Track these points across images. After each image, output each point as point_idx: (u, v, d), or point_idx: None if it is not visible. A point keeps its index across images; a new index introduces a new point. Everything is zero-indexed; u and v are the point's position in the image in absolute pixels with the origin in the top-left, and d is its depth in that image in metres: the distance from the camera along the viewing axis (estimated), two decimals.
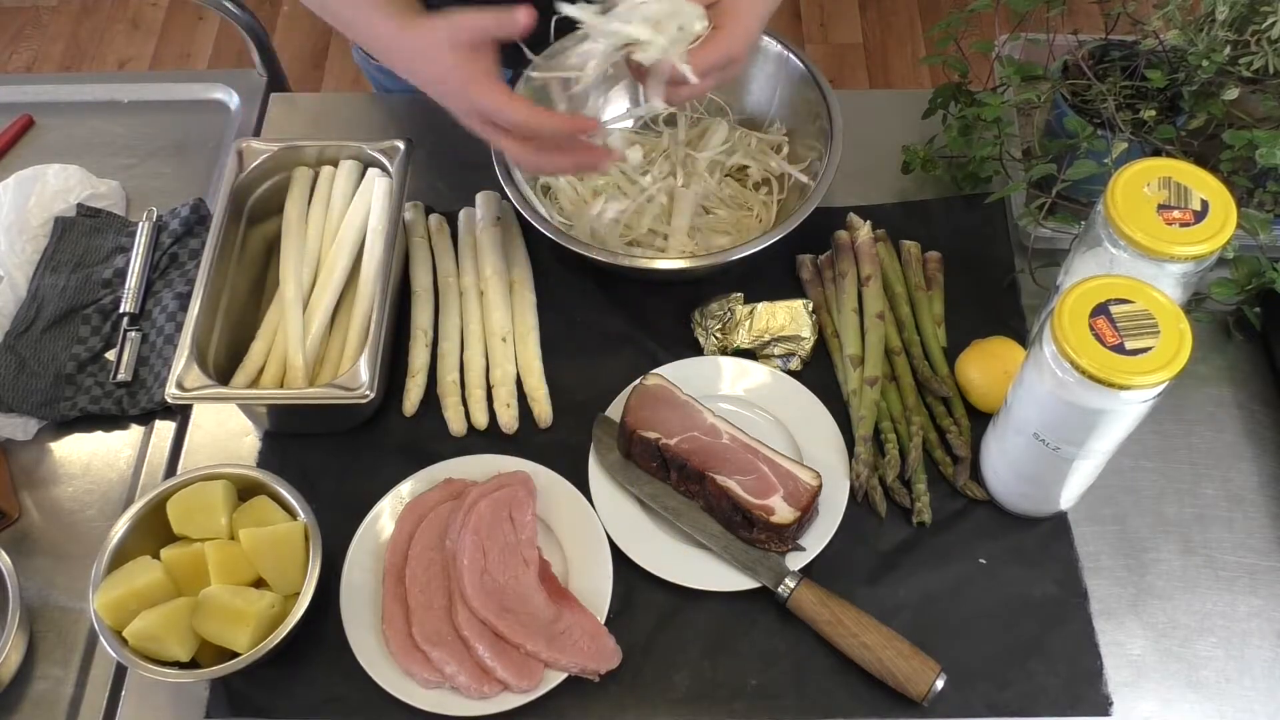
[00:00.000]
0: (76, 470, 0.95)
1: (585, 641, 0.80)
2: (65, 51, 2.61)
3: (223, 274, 0.94)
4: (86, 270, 1.04)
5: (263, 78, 1.22)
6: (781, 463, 0.85)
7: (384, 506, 0.88)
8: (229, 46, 2.60)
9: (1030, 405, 0.77)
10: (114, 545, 0.81)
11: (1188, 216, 0.75)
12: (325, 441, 0.94)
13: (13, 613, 0.81)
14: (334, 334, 0.96)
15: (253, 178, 0.98)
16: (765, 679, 0.82)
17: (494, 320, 0.97)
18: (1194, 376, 0.95)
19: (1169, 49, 0.94)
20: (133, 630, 0.77)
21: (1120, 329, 0.69)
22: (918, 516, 0.87)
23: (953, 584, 0.85)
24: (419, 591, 0.82)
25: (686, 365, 0.94)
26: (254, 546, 0.80)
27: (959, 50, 1.01)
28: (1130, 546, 0.87)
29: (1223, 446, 0.92)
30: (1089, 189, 0.94)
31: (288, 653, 0.81)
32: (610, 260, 0.94)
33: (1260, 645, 0.83)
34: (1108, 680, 0.81)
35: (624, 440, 0.89)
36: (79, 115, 1.19)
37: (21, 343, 0.99)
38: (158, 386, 0.96)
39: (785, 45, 1.03)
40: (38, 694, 0.84)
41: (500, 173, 0.97)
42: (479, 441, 0.93)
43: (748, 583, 0.84)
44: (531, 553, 0.84)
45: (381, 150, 0.99)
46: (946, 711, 0.80)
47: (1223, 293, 0.92)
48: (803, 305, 0.96)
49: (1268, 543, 0.87)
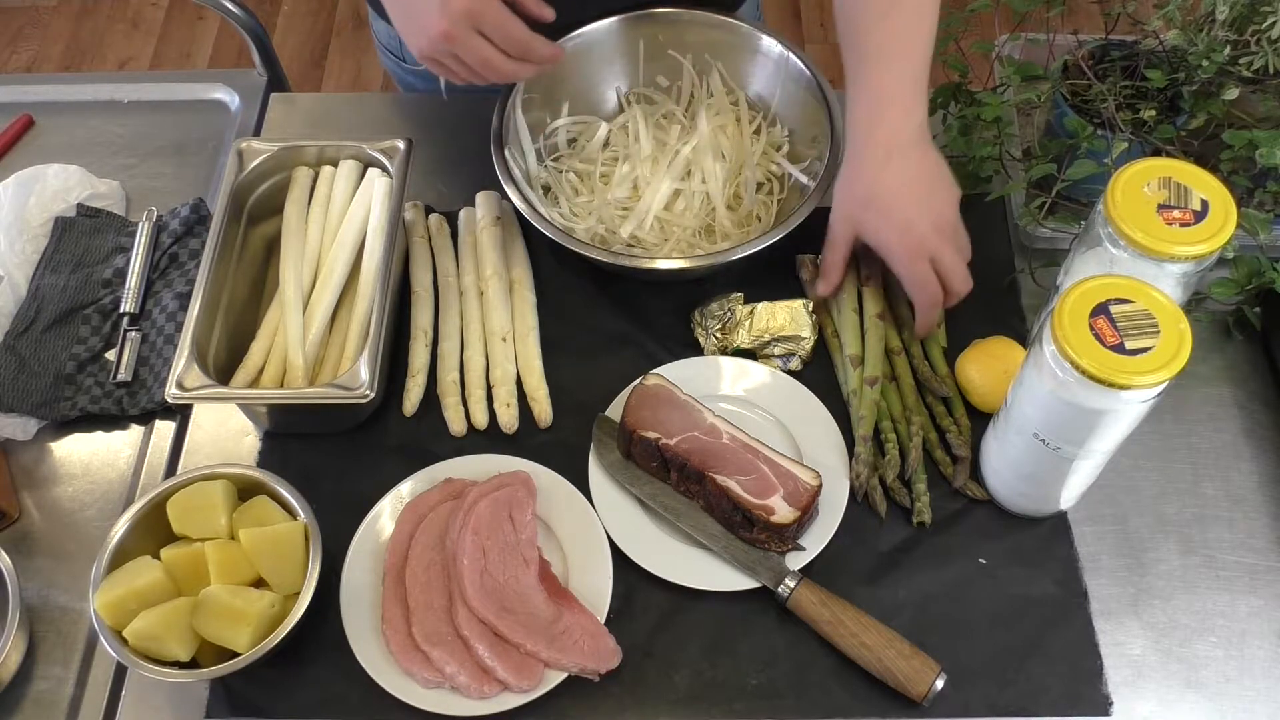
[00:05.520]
0: (76, 470, 0.95)
1: (585, 641, 0.80)
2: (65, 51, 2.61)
3: (223, 274, 0.93)
4: (86, 270, 1.04)
5: (263, 78, 1.22)
6: (781, 463, 0.85)
7: (384, 506, 0.88)
8: (229, 46, 2.60)
9: (1030, 405, 0.77)
10: (114, 545, 0.81)
11: (1188, 216, 0.75)
12: (325, 441, 0.94)
13: (13, 613, 0.81)
14: (334, 334, 0.96)
15: (253, 178, 0.98)
16: (765, 679, 0.82)
17: (494, 320, 0.97)
18: (1194, 376, 0.95)
19: (1169, 49, 0.94)
20: (133, 630, 0.77)
21: (1120, 329, 0.69)
22: (918, 516, 0.87)
23: (953, 584, 0.85)
24: (419, 591, 0.82)
25: (686, 365, 0.94)
26: (254, 546, 0.80)
27: (959, 50, 1.01)
28: (1130, 546, 0.87)
29: (1223, 446, 0.92)
30: (1089, 189, 0.94)
31: (288, 653, 0.81)
32: (610, 260, 0.94)
33: (1260, 645, 0.83)
34: (1108, 680, 0.81)
35: (624, 440, 0.89)
36: (79, 115, 1.19)
37: (21, 343, 0.99)
38: (158, 386, 0.96)
39: (785, 45, 1.03)
40: (38, 694, 0.84)
41: (500, 173, 0.97)
42: (479, 441, 0.93)
43: (748, 583, 0.84)
44: (531, 553, 0.84)
45: (381, 150, 0.99)
46: (946, 711, 0.80)
47: (1223, 293, 0.92)
48: (803, 305, 0.96)
49: (1268, 543, 0.87)
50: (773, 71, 1.05)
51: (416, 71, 1.18)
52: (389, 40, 1.18)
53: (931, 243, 0.87)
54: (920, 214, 0.86)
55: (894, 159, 0.86)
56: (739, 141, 1.05)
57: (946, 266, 0.87)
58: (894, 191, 0.86)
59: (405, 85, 1.24)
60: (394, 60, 1.20)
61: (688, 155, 1.03)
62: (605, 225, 1.02)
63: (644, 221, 1.01)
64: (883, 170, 0.86)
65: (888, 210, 0.87)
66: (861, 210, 0.88)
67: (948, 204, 0.88)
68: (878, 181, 0.87)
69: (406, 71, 1.20)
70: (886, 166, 0.86)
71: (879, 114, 0.86)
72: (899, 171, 0.86)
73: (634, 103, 1.09)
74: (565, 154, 1.08)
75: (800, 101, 1.03)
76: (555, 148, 1.08)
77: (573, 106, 1.08)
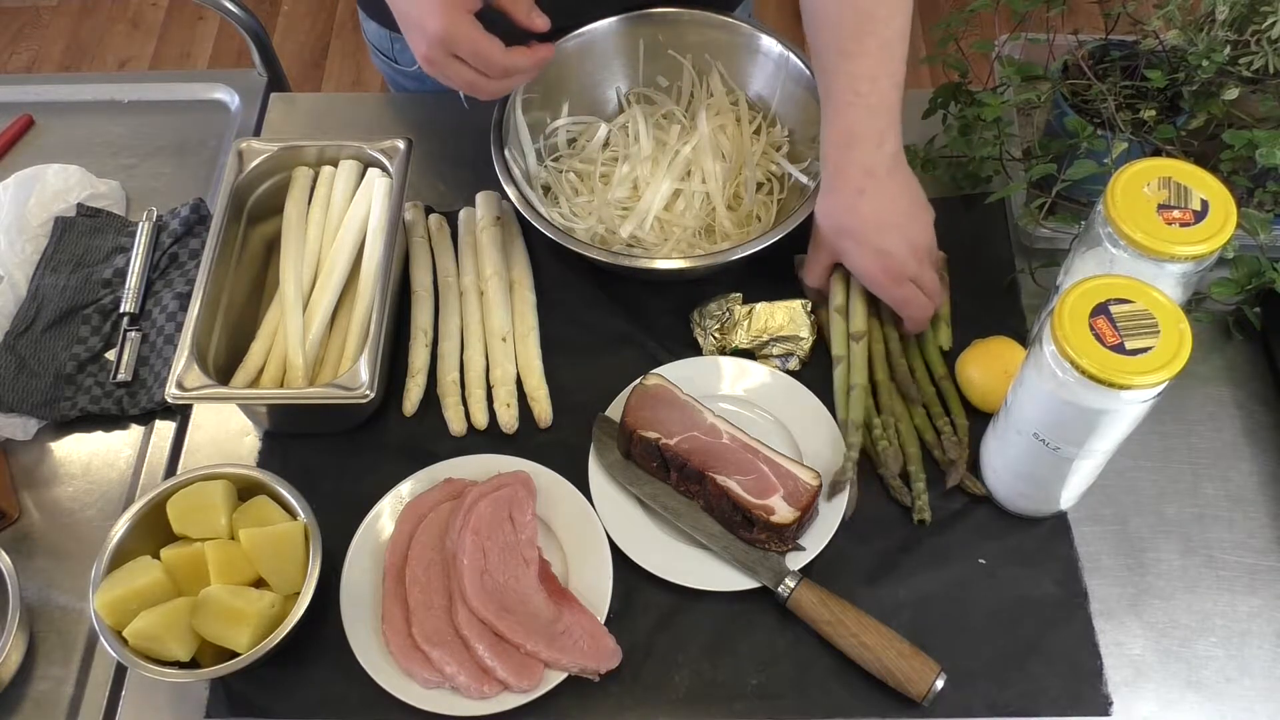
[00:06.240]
0: (76, 470, 0.95)
1: (585, 641, 0.80)
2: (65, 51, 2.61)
3: (223, 274, 0.93)
4: (86, 270, 1.04)
5: (263, 78, 1.22)
6: (781, 463, 0.85)
7: (384, 506, 0.88)
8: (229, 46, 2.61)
9: (1030, 405, 0.76)
10: (114, 545, 0.81)
11: (1188, 216, 0.75)
12: (325, 441, 0.94)
13: (13, 613, 0.81)
14: (334, 334, 0.96)
15: (253, 178, 0.98)
16: (765, 679, 0.82)
17: (494, 320, 0.97)
18: (1194, 376, 0.95)
19: (1169, 49, 0.94)
20: (133, 630, 0.77)
21: (1120, 329, 0.69)
22: (918, 515, 0.87)
23: (953, 584, 0.85)
24: (419, 591, 0.82)
25: (686, 365, 0.94)
26: (254, 546, 0.80)
27: (959, 50, 1.01)
28: (1130, 546, 0.87)
29: (1223, 446, 0.92)
30: (1089, 189, 0.94)
31: (288, 653, 0.81)
32: (610, 260, 0.94)
33: (1260, 645, 0.83)
34: (1108, 680, 0.81)
35: (624, 440, 0.89)
36: (79, 115, 1.19)
37: (21, 343, 0.99)
38: (158, 386, 0.96)
39: (785, 45, 1.03)
40: (38, 694, 0.84)
41: (500, 173, 0.97)
42: (479, 441, 0.93)
43: (748, 583, 0.84)
44: (531, 553, 0.84)
45: (381, 150, 0.99)
46: (946, 711, 0.80)
47: (1223, 293, 0.92)
48: (801, 305, 0.96)
49: (1268, 543, 0.87)
50: (773, 71, 1.05)
51: (408, 73, 1.18)
52: (380, 41, 1.18)
53: (910, 268, 0.88)
54: (897, 242, 0.88)
55: (866, 192, 0.87)
56: (739, 141, 1.05)
57: (926, 287, 0.90)
58: (869, 223, 0.88)
59: (397, 86, 1.24)
60: (386, 61, 1.20)
61: (688, 155, 1.03)
62: (605, 225, 1.02)
63: (644, 221, 1.01)
64: (857, 202, 0.87)
65: (865, 240, 0.88)
66: (838, 240, 0.90)
67: (923, 228, 0.90)
68: (853, 213, 0.88)
69: (398, 73, 1.20)
70: (860, 199, 0.87)
71: (848, 151, 0.87)
72: (872, 202, 0.87)
73: (634, 103, 1.09)
74: (565, 154, 1.08)
75: (800, 101, 1.03)
76: (555, 148, 1.08)
77: (573, 106, 1.08)
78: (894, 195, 0.88)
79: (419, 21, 0.83)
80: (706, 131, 1.03)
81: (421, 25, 0.83)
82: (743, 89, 1.08)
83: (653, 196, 1.01)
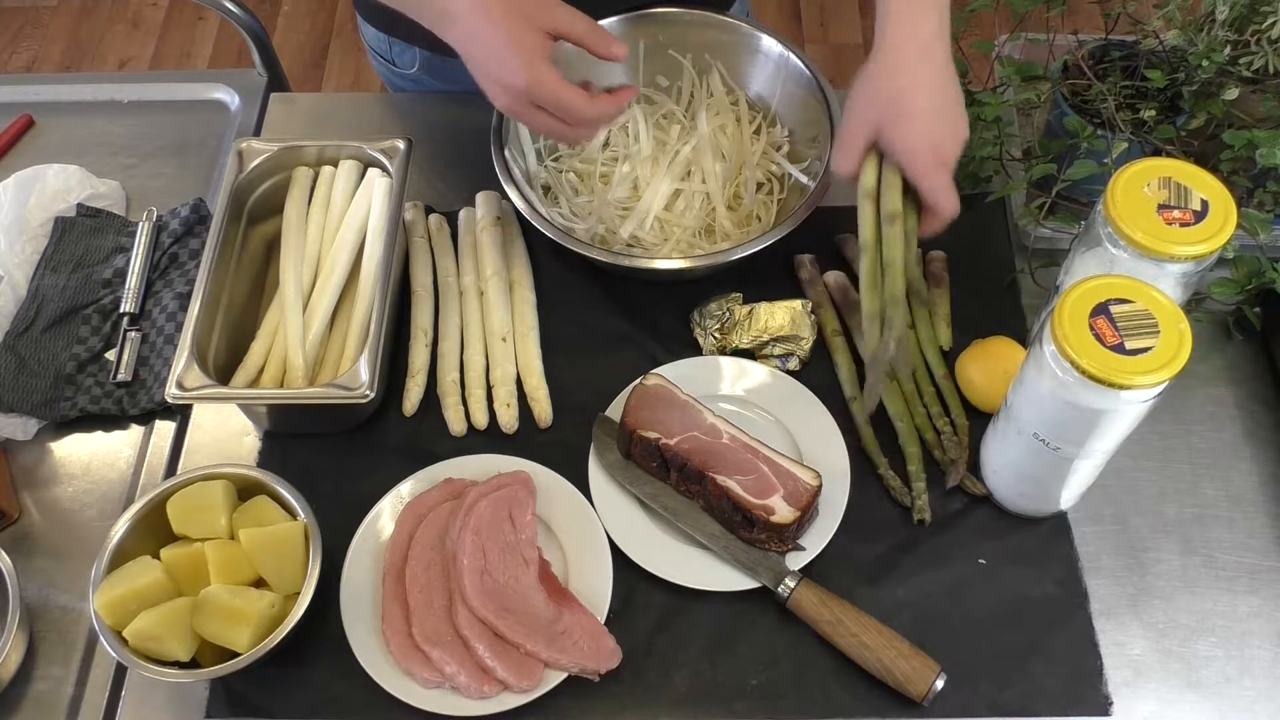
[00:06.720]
0: (76, 470, 0.95)
1: (585, 641, 0.80)
2: (65, 51, 2.61)
3: (223, 274, 0.93)
4: (86, 270, 1.04)
5: (263, 78, 1.22)
6: (781, 463, 0.85)
7: (384, 506, 0.88)
8: (229, 46, 2.61)
9: (1030, 405, 0.77)
10: (114, 545, 0.81)
11: (1188, 216, 0.75)
12: (325, 441, 0.94)
13: (13, 613, 0.81)
14: (334, 334, 0.96)
15: (253, 178, 0.98)
16: (765, 679, 0.82)
17: (494, 320, 0.97)
18: (1194, 376, 0.95)
19: (1169, 49, 0.94)
20: (133, 630, 0.77)
21: (1120, 329, 0.69)
22: (918, 514, 0.87)
23: (953, 584, 0.85)
24: (419, 591, 0.82)
25: (686, 365, 0.94)
26: (254, 546, 0.80)
27: (959, 50, 1.01)
28: (1130, 546, 0.87)
29: (1223, 446, 0.92)
30: (1089, 189, 0.94)
31: (288, 653, 0.81)
32: (610, 260, 0.94)
33: (1260, 645, 0.83)
34: (1108, 680, 0.81)
35: (624, 440, 0.89)
36: (79, 115, 1.19)
37: (21, 343, 0.99)
38: (158, 386, 0.96)
39: (785, 45, 1.03)
40: (38, 694, 0.84)
41: (500, 173, 0.97)
42: (479, 441, 0.93)
43: (748, 583, 0.84)
44: (531, 553, 0.84)
45: (381, 150, 0.99)
46: (946, 711, 0.80)
47: (1223, 293, 0.92)
48: (802, 305, 0.96)
49: (1268, 543, 0.87)
50: (773, 71, 1.05)
51: (406, 75, 1.18)
52: (378, 45, 1.18)
53: (953, 157, 0.85)
54: (947, 128, 0.84)
55: (925, 69, 0.83)
56: (739, 141, 1.05)
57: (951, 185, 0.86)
58: (925, 99, 0.83)
59: (395, 88, 1.24)
60: (383, 64, 1.20)
61: (688, 155, 1.03)
62: (605, 225, 1.02)
63: (644, 221, 1.01)
64: (917, 69, 0.83)
65: (919, 115, 0.83)
66: (891, 107, 0.84)
67: (964, 128, 0.86)
68: (913, 85, 0.83)
69: (396, 75, 1.20)
70: (920, 71, 0.83)
71: (914, 24, 0.83)
72: (930, 80, 0.83)
73: (634, 103, 1.09)
74: (565, 154, 1.08)
75: (800, 101, 1.03)
76: (555, 147, 1.08)
77: None
78: (945, 83, 0.84)
79: (498, 76, 0.82)
80: (706, 131, 1.03)
81: (501, 80, 0.81)
82: (743, 89, 1.08)
83: (653, 196, 1.01)
